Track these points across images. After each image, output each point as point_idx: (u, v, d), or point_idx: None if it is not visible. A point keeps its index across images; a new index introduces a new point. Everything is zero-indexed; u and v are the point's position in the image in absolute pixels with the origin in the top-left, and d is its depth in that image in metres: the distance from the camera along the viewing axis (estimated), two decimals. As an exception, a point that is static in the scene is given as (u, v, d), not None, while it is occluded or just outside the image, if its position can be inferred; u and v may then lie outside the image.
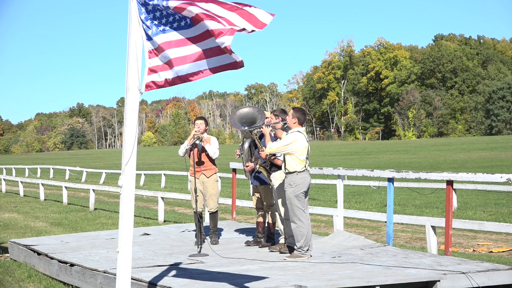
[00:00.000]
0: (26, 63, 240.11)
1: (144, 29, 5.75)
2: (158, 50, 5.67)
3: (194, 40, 5.54)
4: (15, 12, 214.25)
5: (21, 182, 28.02)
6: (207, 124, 10.45)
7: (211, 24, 5.34)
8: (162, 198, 16.93)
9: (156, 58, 5.70)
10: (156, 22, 5.69)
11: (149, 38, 5.73)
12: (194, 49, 5.56)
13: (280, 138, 8.97)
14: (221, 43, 5.29)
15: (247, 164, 9.85)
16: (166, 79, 5.66)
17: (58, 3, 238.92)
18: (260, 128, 9.39)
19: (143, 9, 5.75)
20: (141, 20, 5.76)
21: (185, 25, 5.57)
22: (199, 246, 9.41)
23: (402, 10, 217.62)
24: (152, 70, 5.71)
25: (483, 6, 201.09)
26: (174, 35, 5.61)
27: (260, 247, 9.75)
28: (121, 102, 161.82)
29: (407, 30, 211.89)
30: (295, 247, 8.74)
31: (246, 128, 9.44)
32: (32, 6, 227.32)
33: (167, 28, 5.63)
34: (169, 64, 5.64)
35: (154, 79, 5.71)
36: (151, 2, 5.68)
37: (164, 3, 5.53)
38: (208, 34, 5.41)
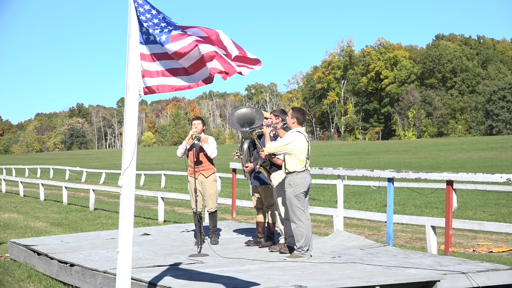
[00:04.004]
0: (26, 63, 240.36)
1: (141, 32, 5.77)
2: (151, 56, 5.73)
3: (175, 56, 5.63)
4: (15, 12, 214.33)
5: (21, 182, 28.02)
6: (204, 124, 10.45)
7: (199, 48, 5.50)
8: (162, 198, 16.92)
9: (150, 63, 5.73)
10: (150, 30, 5.72)
11: (141, 42, 5.76)
12: (176, 64, 5.67)
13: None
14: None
15: (246, 165, 9.85)
16: (155, 85, 5.74)
17: (58, 3, 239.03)
18: (260, 129, 9.40)
19: (144, 11, 5.75)
20: (139, 22, 5.77)
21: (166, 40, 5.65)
22: (199, 246, 9.40)
23: (402, 10, 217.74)
24: (144, 74, 5.75)
25: (483, 6, 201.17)
26: (158, 48, 5.68)
27: (260, 247, 9.75)
28: (121, 102, 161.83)
29: (407, 30, 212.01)
30: (295, 247, 8.73)
31: (248, 129, 9.44)
32: (32, 6, 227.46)
33: (156, 38, 5.68)
34: (158, 73, 5.73)
35: (151, 83, 5.75)
36: (151, 10, 5.70)
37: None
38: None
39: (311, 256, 8.73)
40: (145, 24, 5.71)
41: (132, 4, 5.77)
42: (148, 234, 11.59)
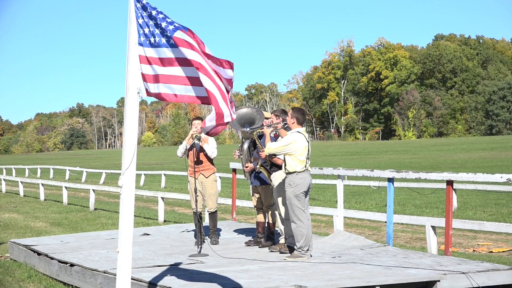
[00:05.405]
0: (26, 63, 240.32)
1: (138, 34, 5.76)
2: (148, 59, 5.72)
3: (180, 62, 5.61)
4: (15, 12, 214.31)
5: (21, 182, 28.02)
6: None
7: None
8: (162, 198, 16.92)
9: (148, 66, 5.73)
10: (149, 31, 5.70)
11: (140, 43, 5.75)
12: (179, 71, 5.63)
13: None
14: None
15: (246, 165, 9.84)
16: (156, 92, 5.72)
17: (58, 3, 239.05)
18: (261, 129, 9.40)
19: (144, 13, 5.75)
20: (138, 23, 5.76)
21: (169, 44, 5.62)
22: (199, 246, 9.40)
23: (402, 10, 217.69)
24: (144, 78, 5.74)
25: (483, 6, 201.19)
26: (161, 52, 5.65)
27: (260, 247, 9.75)
28: (121, 102, 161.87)
29: (407, 30, 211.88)
30: (295, 247, 8.73)
31: (248, 129, 9.44)
32: (32, 6, 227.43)
33: (157, 41, 5.66)
34: (157, 78, 5.70)
35: (149, 88, 5.74)
36: (151, 11, 5.69)
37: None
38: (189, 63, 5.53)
39: (311, 256, 8.73)
40: (140, 22, 5.71)
41: (132, 4, 5.77)
42: (148, 234, 11.59)
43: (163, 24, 5.58)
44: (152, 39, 5.67)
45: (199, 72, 5.43)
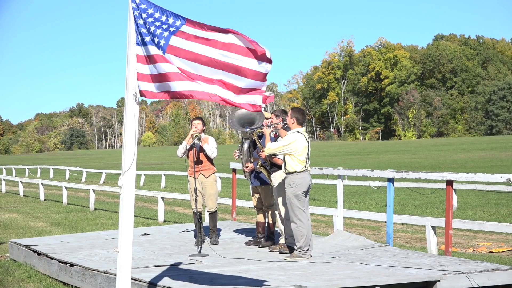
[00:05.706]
0: (26, 63, 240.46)
1: (136, 33, 5.75)
2: (147, 59, 5.70)
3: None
4: (15, 12, 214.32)
5: (21, 182, 28.01)
6: (204, 124, 10.45)
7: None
8: (162, 198, 16.92)
9: (144, 65, 5.71)
10: (147, 30, 5.70)
11: (137, 43, 5.74)
12: (173, 68, 5.62)
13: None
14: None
15: (246, 165, 9.84)
16: (153, 91, 5.70)
17: (58, 3, 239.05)
18: (261, 129, 9.40)
19: (137, 13, 5.74)
20: (136, 23, 5.76)
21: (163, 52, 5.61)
22: (199, 246, 9.40)
23: (402, 10, 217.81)
24: (141, 78, 5.73)
25: (483, 6, 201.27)
26: (154, 50, 5.63)
27: (260, 247, 9.74)
28: (121, 102, 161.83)
29: (407, 30, 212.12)
30: (295, 247, 8.73)
31: (248, 129, 9.44)
32: (32, 6, 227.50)
33: (151, 41, 5.64)
34: (156, 77, 5.68)
35: (144, 88, 5.72)
36: (148, 11, 5.68)
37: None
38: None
39: (311, 256, 8.73)
40: (140, 22, 5.70)
41: (131, 3, 5.76)
42: (148, 234, 11.59)
43: (158, 31, 5.56)
44: (146, 39, 5.65)
45: (194, 81, 5.45)
